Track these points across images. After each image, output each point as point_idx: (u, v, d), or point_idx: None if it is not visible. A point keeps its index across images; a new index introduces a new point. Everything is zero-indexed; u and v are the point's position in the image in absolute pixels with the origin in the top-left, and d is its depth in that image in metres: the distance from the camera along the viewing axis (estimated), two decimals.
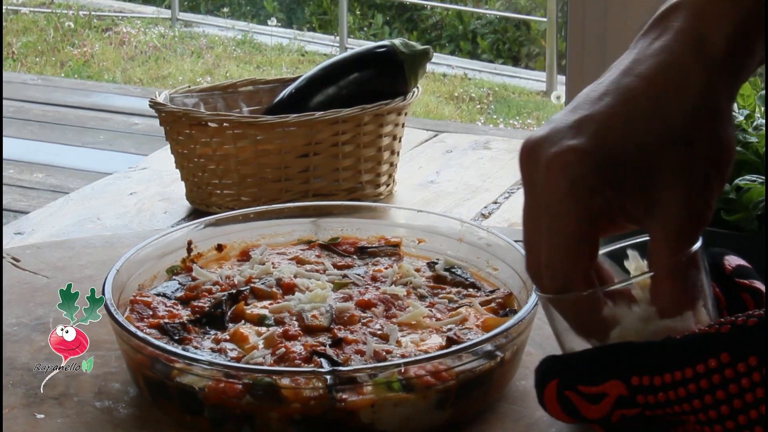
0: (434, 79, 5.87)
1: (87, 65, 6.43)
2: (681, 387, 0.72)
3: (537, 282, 0.77)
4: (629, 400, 0.74)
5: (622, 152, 0.72)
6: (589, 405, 0.75)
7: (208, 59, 6.46)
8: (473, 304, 1.03)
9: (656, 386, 0.73)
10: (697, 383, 0.72)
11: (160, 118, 1.49)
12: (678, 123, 0.72)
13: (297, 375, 0.88)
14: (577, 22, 2.43)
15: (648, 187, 0.72)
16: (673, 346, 0.73)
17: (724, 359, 0.71)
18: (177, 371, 0.90)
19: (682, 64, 0.73)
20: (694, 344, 0.73)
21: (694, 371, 0.72)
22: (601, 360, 0.75)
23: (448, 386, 0.89)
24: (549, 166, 0.74)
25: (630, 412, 0.74)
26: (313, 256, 1.14)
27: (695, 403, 0.72)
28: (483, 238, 1.12)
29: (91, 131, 5.08)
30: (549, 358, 0.79)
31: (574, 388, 0.76)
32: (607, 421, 0.76)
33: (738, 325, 0.72)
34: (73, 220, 1.49)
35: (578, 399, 0.76)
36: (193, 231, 1.14)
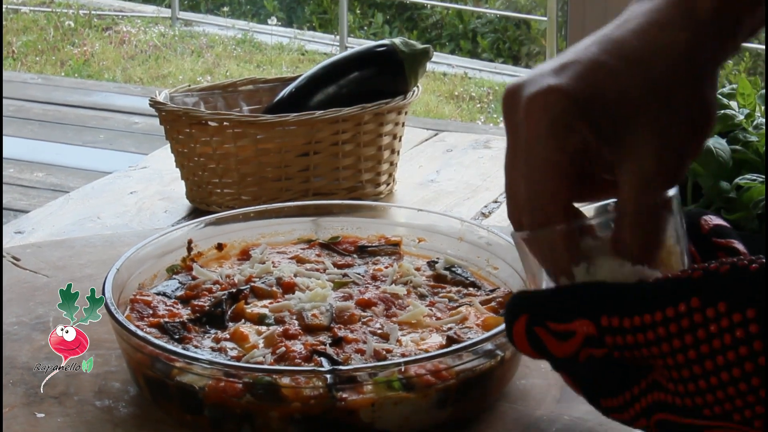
0: (434, 78, 5.87)
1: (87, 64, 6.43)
2: (650, 330, 0.72)
3: (516, 222, 0.78)
4: (598, 339, 0.74)
5: (602, 96, 0.73)
6: (557, 342, 0.75)
7: (208, 58, 6.46)
8: (473, 303, 1.03)
9: (625, 328, 0.73)
10: (666, 327, 0.72)
11: (160, 117, 1.49)
12: (659, 78, 0.74)
13: (297, 374, 0.88)
14: (577, 21, 2.43)
15: (624, 135, 0.73)
16: (644, 289, 0.73)
17: (694, 304, 0.71)
18: (177, 370, 0.90)
19: (669, 23, 0.75)
20: (665, 288, 0.73)
21: (663, 314, 0.72)
22: (572, 298, 0.75)
23: (449, 385, 0.89)
24: (529, 104, 0.74)
25: (598, 352, 0.75)
26: (314, 255, 1.14)
27: (663, 346, 0.72)
28: (483, 237, 1.12)
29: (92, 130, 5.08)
30: (520, 293, 0.79)
31: (543, 324, 0.76)
32: (573, 361, 0.76)
33: (710, 270, 0.72)
34: (73, 219, 1.48)
35: (547, 336, 0.76)
36: (193, 230, 1.14)
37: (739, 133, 1.16)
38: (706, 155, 1.10)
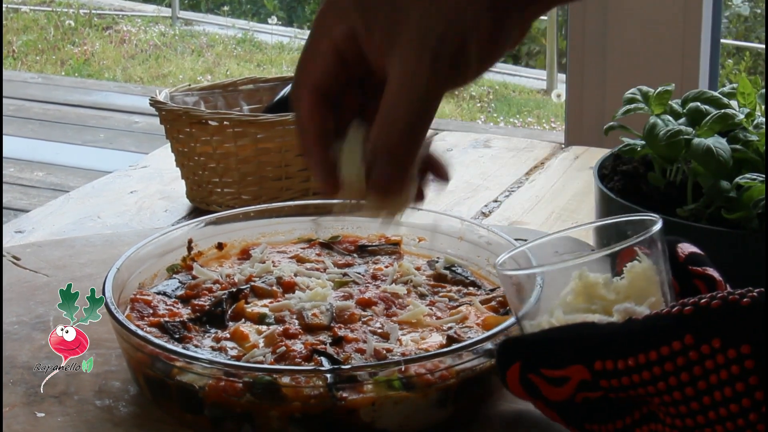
0: None
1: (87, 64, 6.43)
2: (645, 370, 0.72)
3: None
4: (592, 383, 0.74)
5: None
6: (552, 387, 0.76)
7: (208, 58, 6.46)
8: (473, 303, 1.03)
9: (620, 370, 0.73)
10: (662, 366, 0.72)
11: (161, 117, 1.49)
12: None
13: (297, 373, 0.88)
14: (578, 20, 2.43)
15: (394, 25, 0.73)
16: (635, 330, 0.73)
17: (688, 341, 0.71)
18: (177, 370, 0.90)
19: None
20: (656, 326, 0.73)
21: (658, 354, 0.72)
22: (564, 342, 0.75)
23: (449, 385, 0.89)
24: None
25: (593, 395, 0.75)
26: (314, 255, 1.14)
27: (660, 385, 0.72)
28: (483, 237, 1.12)
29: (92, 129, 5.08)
30: (511, 339, 0.79)
31: (537, 371, 0.76)
32: (569, 403, 0.76)
33: (701, 306, 0.72)
34: (73, 218, 1.48)
35: (541, 382, 0.76)
36: (193, 229, 1.14)
37: (740, 132, 1.16)
38: (707, 154, 1.10)
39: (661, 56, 2.31)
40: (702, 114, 1.17)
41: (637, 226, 0.83)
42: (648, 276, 0.80)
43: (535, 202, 1.52)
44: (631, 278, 0.81)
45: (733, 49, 5.32)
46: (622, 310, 0.78)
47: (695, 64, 2.31)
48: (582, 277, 0.81)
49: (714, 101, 1.19)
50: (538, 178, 1.62)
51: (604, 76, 2.37)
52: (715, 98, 1.20)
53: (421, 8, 0.72)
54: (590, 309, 0.80)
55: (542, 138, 3.23)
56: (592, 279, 0.81)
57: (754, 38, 5.29)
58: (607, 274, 0.81)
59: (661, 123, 1.16)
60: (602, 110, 2.37)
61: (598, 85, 2.39)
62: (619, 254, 0.80)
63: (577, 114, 2.45)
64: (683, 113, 1.19)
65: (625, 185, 1.19)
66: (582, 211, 1.47)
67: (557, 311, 0.81)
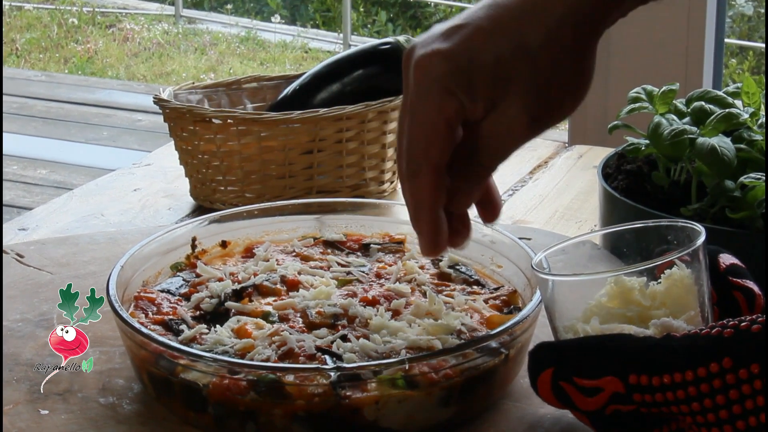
0: None
1: (91, 62, 6.43)
2: (680, 389, 0.72)
3: (399, 168, 0.82)
4: (625, 397, 0.74)
5: (480, 60, 0.77)
6: (584, 397, 0.75)
7: (211, 56, 6.46)
8: (477, 301, 1.03)
9: (654, 386, 0.73)
10: (697, 386, 0.71)
11: (164, 115, 1.49)
12: (533, 42, 0.77)
13: (301, 372, 0.88)
14: None
15: (497, 97, 0.77)
16: (673, 347, 0.73)
17: (726, 364, 0.71)
18: (181, 368, 0.90)
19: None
20: (695, 346, 0.72)
21: (694, 374, 0.71)
22: (599, 353, 0.75)
23: (453, 383, 0.89)
24: (416, 66, 0.79)
25: (625, 408, 0.74)
26: (318, 253, 1.14)
27: (694, 405, 0.72)
28: (487, 235, 1.12)
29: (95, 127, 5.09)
30: (545, 345, 0.79)
31: (570, 379, 0.76)
32: (600, 414, 0.76)
33: (741, 330, 0.71)
34: (76, 216, 1.48)
35: (573, 390, 0.76)
36: (197, 227, 1.14)
37: (744, 131, 1.16)
38: (711, 154, 1.10)
39: (665, 56, 2.31)
40: (706, 113, 1.17)
41: (678, 232, 0.82)
42: (686, 285, 0.79)
43: (539, 201, 1.52)
44: (669, 285, 0.80)
45: (736, 48, 5.32)
46: (659, 324, 0.77)
47: (699, 63, 2.30)
48: (618, 281, 0.80)
49: (718, 101, 1.19)
50: (542, 177, 1.62)
51: (607, 76, 2.37)
52: (720, 98, 1.20)
53: (521, 81, 0.77)
54: (626, 315, 0.79)
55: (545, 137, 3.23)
56: (628, 284, 0.80)
57: (757, 38, 5.29)
58: (643, 278, 0.80)
59: (666, 122, 1.16)
60: (606, 109, 2.37)
61: (602, 84, 2.38)
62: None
63: (581, 113, 2.44)
64: (687, 113, 1.19)
65: (629, 184, 1.19)
66: (585, 210, 1.47)
67: (593, 319, 0.80)
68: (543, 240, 1.24)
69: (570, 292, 0.84)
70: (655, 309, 0.79)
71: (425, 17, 6.59)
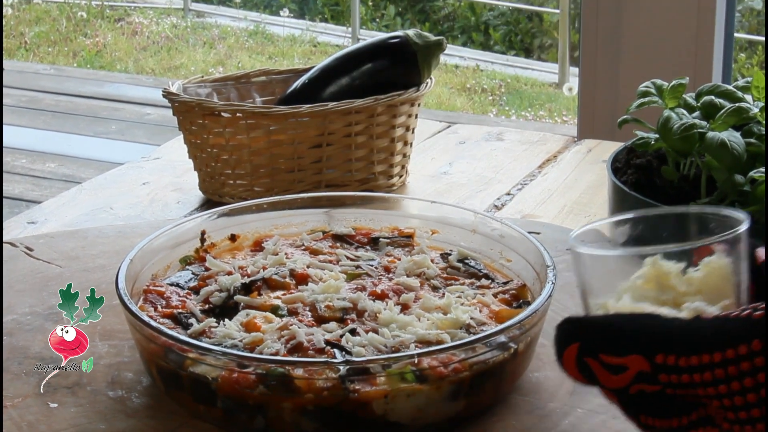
0: (446, 71, 5.87)
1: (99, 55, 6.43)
2: (707, 370, 0.71)
3: None
4: (651, 376, 0.73)
5: None
6: (609, 374, 0.75)
7: (220, 50, 6.46)
8: (487, 296, 1.03)
9: (681, 367, 0.72)
10: (725, 368, 0.70)
11: (173, 108, 1.49)
12: None
13: (310, 366, 0.88)
14: (591, 13, 2.42)
15: None
16: (702, 328, 0.72)
17: (755, 347, 0.70)
18: (190, 361, 0.90)
19: None
20: (724, 328, 0.71)
21: (722, 356, 0.70)
22: (626, 330, 0.74)
23: (462, 377, 0.89)
24: None
25: (650, 387, 0.74)
26: (327, 247, 1.14)
27: (720, 388, 0.71)
28: (496, 230, 1.12)
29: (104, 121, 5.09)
30: (572, 319, 0.78)
31: (596, 355, 0.75)
32: (624, 392, 0.75)
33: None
34: (85, 209, 1.48)
35: (598, 367, 0.75)
36: (206, 221, 1.14)
37: (754, 126, 1.15)
38: (721, 148, 1.10)
39: (674, 50, 2.31)
40: (716, 107, 1.16)
41: (721, 219, 0.82)
42: (724, 274, 0.79)
43: (548, 195, 1.52)
44: (707, 272, 0.79)
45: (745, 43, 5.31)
46: (692, 308, 0.77)
47: (709, 57, 2.30)
48: (655, 264, 0.79)
49: (728, 95, 1.19)
50: (551, 171, 1.62)
51: (617, 70, 2.37)
52: (730, 92, 1.19)
53: None
54: (660, 298, 0.79)
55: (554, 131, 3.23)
56: (665, 267, 0.79)
57: None
58: (681, 263, 0.79)
59: (675, 116, 1.16)
60: (615, 103, 2.37)
61: (611, 79, 2.38)
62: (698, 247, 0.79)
63: (590, 107, 2.44)
64: (697, 107, 1.19)
65: (639, 179, 1.19)
66: (595, 204, 1.47)
67: (625, 296, 0.79)
68: (552, 234, 1.24)
69: (605, 269, 0.83)
70: (690, 296, 0.78)
71: (434, 11, 6.58)
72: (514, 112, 5.49)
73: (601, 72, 2.40)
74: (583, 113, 2.47)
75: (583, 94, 2.47)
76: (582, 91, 2.48)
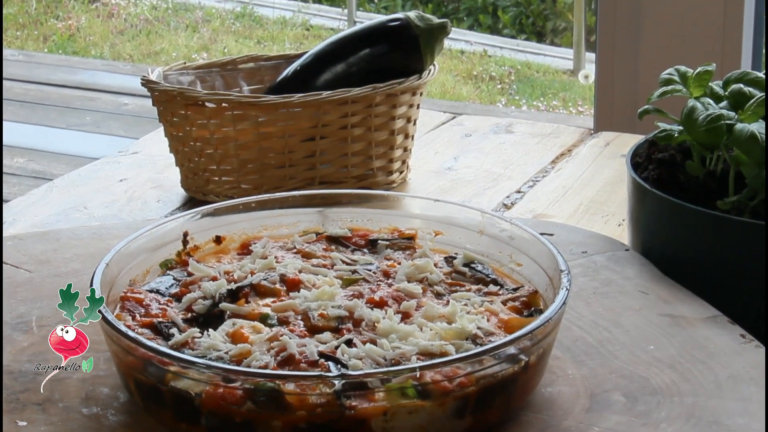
0: (451, 57, 5.87)
1: (72, 40, 6.43)
2: None
3: None
4: None
5: None
6: None
7: (204, 34, 6.46)
8: (495, 303, 1.03)
9: None
10: None
11: (153, 98, 1.49)
12: None
13: (302, 380, 0.88)
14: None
15: None
16: None
17: None
18: (171, 375, 0.90)
19: None
20: None
21: None
22: None
23: (468, 393, 0.89)
24: None
25: None
26: (320, 250, 1.14)
27: None
28: (505, 231, 1.12)
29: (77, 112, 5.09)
30: None
31: None
32: None
33: None
34: (57, 209, 1.49)
35: None
36: (189, 221, 1.14)
37: None
38: (750, 141, 1.10)
39: (700, 33, 2.31)
40: (745, 97, 1.17)
41: None
42: None
43: (562, 193, 1.52)
44: None
45: None
46: None
47: (737, 41, 2.30)
48: None
49: (759, 83, 1.19)
50: (565, 166, 1.62)
51: (637, 55, 2.37)
52: (760, 79, 1.20)
53: None
54: None
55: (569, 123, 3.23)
56: None
57: None
58: None
59: (701, 107, 1.16)
60: (635, 92, 2.37)
61: (631, 65, 2.38)
62: None
63: (608, 97, 2.44)
64: (725, 96, 1.19)
65: (661, 175, 1.19)
66: (612, 203, 1.47)
67: None
68: (566, 236, 1.24)
69: None
70: None
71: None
72: (525, 101, 5.49)
73: (620, 58, 2.40)
74: (601, 103, 2.46)
75: (600, 82, 2.47)
76: (599, 79, 2.48)
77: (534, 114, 5.27)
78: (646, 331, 1.06)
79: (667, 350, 1.03)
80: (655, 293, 1.13)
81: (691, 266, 1.15)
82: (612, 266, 1.19)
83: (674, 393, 0.97)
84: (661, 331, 1.06)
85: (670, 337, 1.05)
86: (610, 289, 1.14)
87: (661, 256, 1.18)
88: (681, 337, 1.05)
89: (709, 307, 1.10)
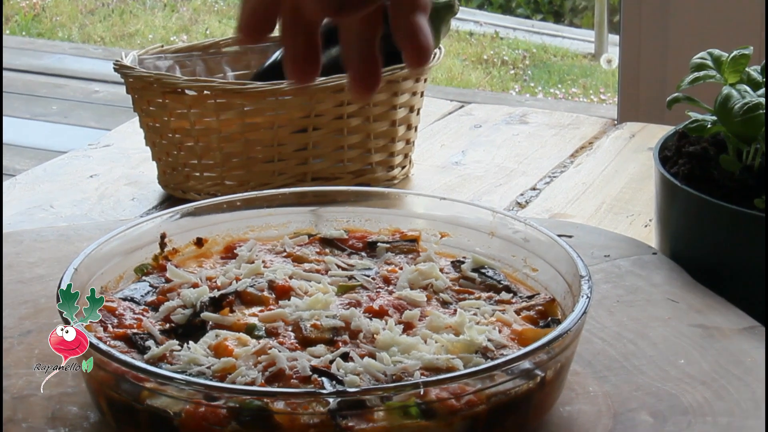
0: (459, 39, 5.88)
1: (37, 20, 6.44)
2: None
3: None
4: None
5: None
6: None
7: (183, 13, 6.46)
8: (507, 313, 1.03)
9: None
10: None
11: (127, 85, 1.49)
12: None
13: (293, 397, 0.88)
14: None
15: None
16: None
17: None
18: (147, 392, 0.90)
19: None
20: None
21: None
22: None
23: (477, 412, 0.89)
24: None
25: None
26: (313, 254, 1.14)
27: None
28: (519, 232, 1.12)
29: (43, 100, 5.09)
30: None
31: None
32: None
33: None
34: (20, 208, 1.49)
35: None
36: (167, 222, 1.15)
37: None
38: None
39: (736, 12, 2.31)
40: None
41: None
42: None
43: (582, 190, 1.52)
44: None
45: None
46: None
47: None
48: None
49: None
50: (586, 161, 1.62)
51: (666, 37, 2.37)
52: None
53: None
54: None
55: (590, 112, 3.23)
56: None
57: None
58: None
59: (737, 94, 1.16)
60: (663, 79, 2.37)
61: (659, 49, 2.38)
62: None
63: (633, 83, 2.45)
64: (763, 83, 1.19)
65: (692, 170, 1.19)
66: (638, 201, 1.47)
67: None
68: (587, 238, 1.24)
69: None
70: None
71: None
72: (540, 89, 5.50)
73: (647, 40, 2.40)
74: (625, 90, 2.47)
75: (625, 67, 2.47)
76: (623, 64, 2.48)
77: (551, 102, 5.27)
78: (675, 344, 1.07)
79: (700, 365, 1.03)
80: (685, 301, 1.13)
81: (726, 271, 1.15)
82: (638, 272, 1.19)
83: (707, 412, 0.97)
84: (693, 344, 1.06)
85: (703, 351, 1.05)
86: (636, 297, 1.14)
87: (692, 261, 1.18)
88: (714, 351, 1.05)
89: (746, 317, 1.10)
